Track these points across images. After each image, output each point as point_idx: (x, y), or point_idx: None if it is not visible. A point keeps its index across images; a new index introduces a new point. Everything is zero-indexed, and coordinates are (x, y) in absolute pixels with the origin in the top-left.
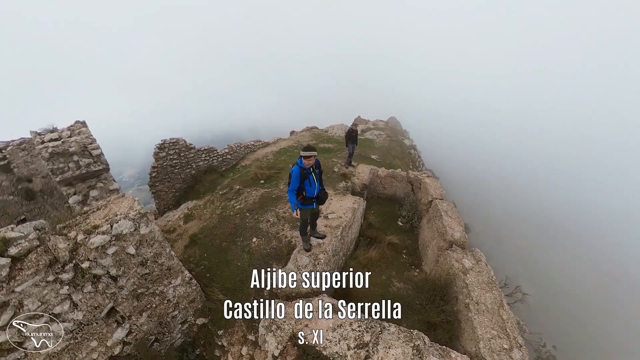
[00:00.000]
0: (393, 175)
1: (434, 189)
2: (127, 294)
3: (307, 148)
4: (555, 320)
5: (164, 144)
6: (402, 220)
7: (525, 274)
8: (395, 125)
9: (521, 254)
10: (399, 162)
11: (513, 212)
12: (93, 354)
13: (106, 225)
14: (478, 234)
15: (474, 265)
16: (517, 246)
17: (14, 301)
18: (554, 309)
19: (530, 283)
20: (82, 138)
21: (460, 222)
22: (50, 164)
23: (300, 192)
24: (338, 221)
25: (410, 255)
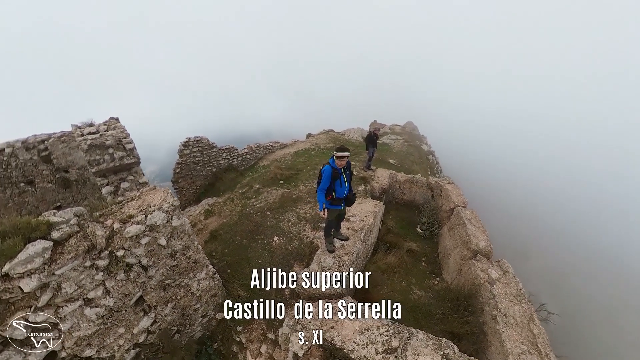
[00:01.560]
0: (413, 180)
1: (456, 196)
2: (155, 284)
3: (340, 148)
4: (583, 343)
5: (189, 141)
6: (422, 227)
7: (550, 291)
8: (412, 130)
9: (546, 270)
10: (417, 167)
11: (537, 225)
12: (120, 340)
13: (141, 216)
14: (498, 247)
15: (501, 276)
16: (542, 261)
17: (53, 283)
18: (582, 332)
19: (555, 302)
20: (117, 132)
21: (485, 231)
22: (88, 155)
23: (329, 192)
24: (360, 224)
25: (430, 263)
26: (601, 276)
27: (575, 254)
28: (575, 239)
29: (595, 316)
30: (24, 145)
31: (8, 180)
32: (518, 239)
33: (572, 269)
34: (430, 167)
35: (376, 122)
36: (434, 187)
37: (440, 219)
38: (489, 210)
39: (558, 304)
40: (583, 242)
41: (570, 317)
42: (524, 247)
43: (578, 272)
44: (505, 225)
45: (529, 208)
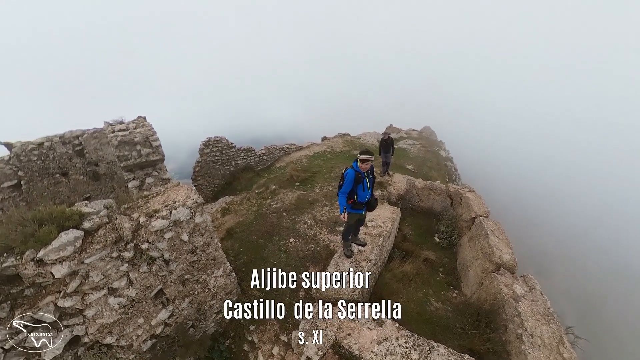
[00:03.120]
0: (431, 187)
1: (477, 205)
2: (175, 278)
3: (365, 152)
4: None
5: (209, 141)
6: (440, 235)
7: (576, 313)
8: (429, 135)
9: (571, 289)
10: (435, 174)
11: (562, 239)
12: (138, 330)
13: (166, 211)
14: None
15: (527, 292)
16: (567, 279)
17: (82, 271)
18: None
19: (583, 324)
20: (145, 130)
21: (509, 244)
22: (118, 150)
23: (351, 196)
24: (378, 230)
25: (448, 274)
26: (635, 298)
27: (603, 272)
28: (605, 256)
29: (628, 343)
30: (61, 140)
31: (45, 171)
32: (540, 253)
33: (601, 288)
34: (448, 174)
35: (392, 127)
36: (453, 195)
37: (460, 228)
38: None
39: (586, 327)
40: (613, 260)
41: (599, 341)
42: (547, 263)
43: (607, 292)
44: (526, 238)
45: (553, 220)
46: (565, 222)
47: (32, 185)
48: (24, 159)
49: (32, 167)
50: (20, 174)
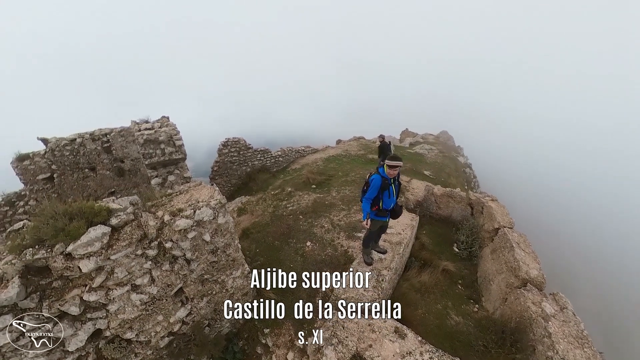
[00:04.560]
0: (450, 194)
1: (501, 215)
2: (196, 277)
3: (394, 157)
4: None
5: (228, 141)
6: (459, 246)
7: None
8: (447, 140)
9: (601, 311)
10: (454, 180)
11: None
12: (157, 327)
13: (190, 210)
14: None
15: (557, 312)
16: (597, 302)
17: (107, 267)
18: None
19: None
20: (169, 129)
21: (536, 258)
22: (143, 148)
23: (375, 203)
24: (398, 237)
25: (467, 287)
26: None
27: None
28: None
29: None
30: (91, 136)
31: (76, 166)
32: (565, 270)
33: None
34: (467, 181)
35: (407, 131)
36: (474, 204)
37: (481, 239)
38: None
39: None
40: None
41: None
42: (573, 281)
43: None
44: (550, 253)
45: (580, 235)
46: (595, 239)
47: (64, 178)
48: (58, 153)
49: (64, 162)
50: (53, 168)
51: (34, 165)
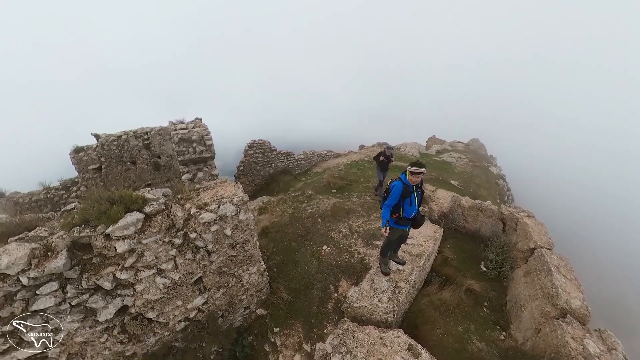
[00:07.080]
0: (480, 207)
1: (538, 234)
2: (214, 269)
3: (416, 163)
4: None
5: (253, 143)
6: (487, 264)
7: None
8: (477, 149)
9: None
10: (484, 192)
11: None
12: (175, 311)
13: (214, 205)
14: None
15: (604, 353)
16: None
17: (138, 250)
18: None
19: None
20: (201, 130)
21: (579, 287)
22: (177, 146)
23: (396, 210)
24: (419, 249)
25: (494, 311)
26: None
27: None
28: None
29: None
30: (134, 134)
31: (120, 159)
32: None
33: None
34: (499, 194)
35: (434, 138)
36: (507, 219)
37: (514, 259)
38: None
39: None
40: None
41: None
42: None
43: None
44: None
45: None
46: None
47: (109, 169)
48: (106, 147)
49: (111, 155)
50: (102, 160)
51: (87, 156)
